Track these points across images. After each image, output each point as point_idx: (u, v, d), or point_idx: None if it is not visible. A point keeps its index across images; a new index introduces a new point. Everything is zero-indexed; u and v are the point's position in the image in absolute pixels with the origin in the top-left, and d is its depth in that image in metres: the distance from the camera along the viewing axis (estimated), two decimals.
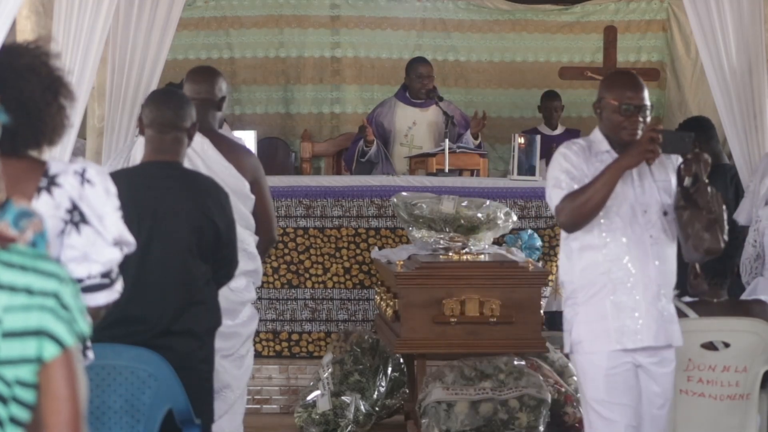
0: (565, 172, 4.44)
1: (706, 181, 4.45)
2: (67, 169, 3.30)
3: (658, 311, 4.48)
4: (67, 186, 3.28)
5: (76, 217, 3.30)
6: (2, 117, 2.40)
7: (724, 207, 4.49)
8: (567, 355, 4.65)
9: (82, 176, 3.30)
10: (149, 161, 4.75)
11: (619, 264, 4.44)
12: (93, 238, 3.31)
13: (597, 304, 4.46)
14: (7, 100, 3.10)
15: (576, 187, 4.39)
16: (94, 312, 3.38)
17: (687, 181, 4.45)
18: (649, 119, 4.50)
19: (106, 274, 3.36)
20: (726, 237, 4.46)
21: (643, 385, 4.52)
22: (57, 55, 3.20)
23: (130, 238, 3.42)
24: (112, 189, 3.38)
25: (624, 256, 4.44)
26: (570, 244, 4.51)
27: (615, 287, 4.44)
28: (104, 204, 3.33)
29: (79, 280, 3.32)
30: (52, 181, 3.27)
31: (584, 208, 4.36)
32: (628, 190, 4.46)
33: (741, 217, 6.46)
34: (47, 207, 3.26)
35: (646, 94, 4.49)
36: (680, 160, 4.52)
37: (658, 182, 4.51)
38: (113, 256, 3.36)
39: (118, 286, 3.42)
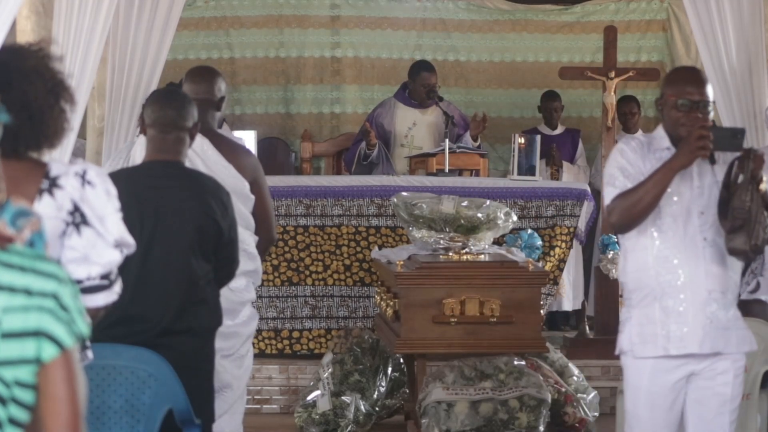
0: (620, 170, 4.28)
1: (760, 179, 4.23)
2: (68, 171, 3.30)
3: (707, 318, 4.24)
4: (68, 187, 3.28)
5: (77, 218, 3.30)
6: (3, 117, 2.39)
7: (766, 212, 4.27)
8: (618, 357, 4.46)
9: (83, 178, 3.31)
10: (151, 161, 4.75)
11: (667, 266, 4.25)
12: (93, 239, 3.31)
13: (647, 307, 4.28)
14: (10, 101, 3.11)
15: (629, 182, 4.24)
16: (93, 313, 3.38)
17: (740, 179, 4.22)
18: (711, 115, 4.34)
19: (105, 276, 3.37)
20: (758, 241, 4.23)
21: (695, 395, 4.31)
22: (59, 57, 3.20)
23: (130, 240, 3.42)
24: (113, 190, 3.38)
25: (673, 258, 4.25)
26: (624, 244, 4.36)
27: (663, 291, 4.25)
28: (105, 205, 3.34)
29: (79, 281, 3.32)
30: (53, 183, 3.27)
31: (634, 209, 4.21)
32: (684, 189, 4.28)
33: None
34: (49, 209, 3.26)
35: (708, 89, 4.32)
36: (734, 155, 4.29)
37: (721, 182, 4.29)
38: (113, 258, 3.37)
39: (117, 288, 3.43)
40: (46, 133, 3.21)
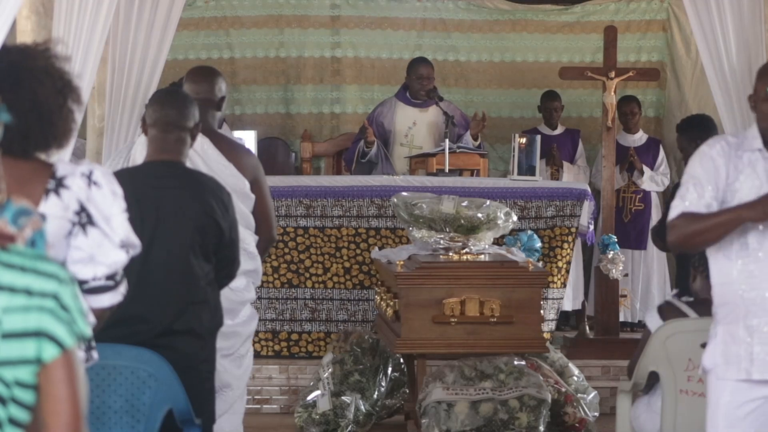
0: (693, 181, 3.96)
1: None
2: (74, 171, 3.31)
3: None
4: (74, 188, 3.29)
5: (84, 218, 3.30)
6: (4, 116, 2.39)
7: None
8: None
9: (89, 178, 3.31)
10: (152, 161, 4.75)
11: (752, 283, 3.92)
12: (99, 239, 3.32)
13: (731, 324, 3.97)
14: (19, 101, 3.12)
15: (700, 200, 3.92)
16: (98, 314, 3.38)
17: None
18: None
19: (110, 276, 3.37)
20: None
21: None
22: (67, 58, 3.21)
23: (135, 240, 3.42)
24: (119, 191, 3.38)
25: (758, 274, 3.91)
26: (710, 255, 4.04)
27: (747, 309, 3.93)
28: (111, 206, 3.34)
29: (84, 282, 3.32)
30: (59, 183, 3.28)
31: (694, 240, 3.95)
32: None
33: None
34: (56, 209, 3.26)
35: None
36: None
37: None
38: (119, 258, 3.37)
39: (122, 288, 3.43)
40: (54, 133, 3.22)
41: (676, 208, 3.98)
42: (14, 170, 3.16)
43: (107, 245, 3.33)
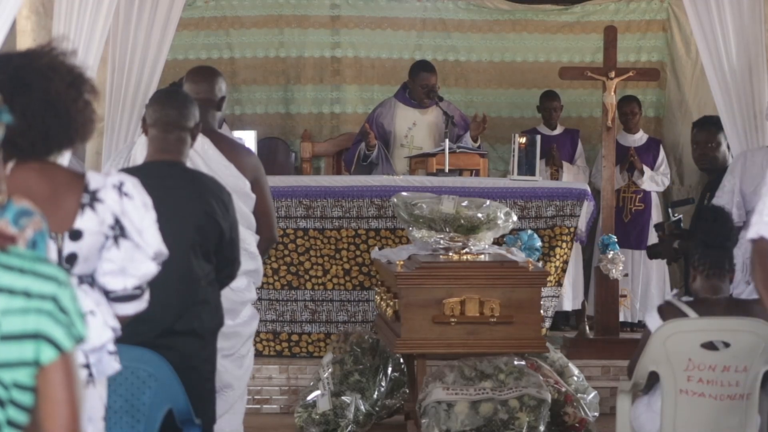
0: None
1: None
2: (106, 183, 3.30)
3: None
4: (109, 201, 3.28)
5: (117, 231, 3.30)
6: (5, 117, 2.39)
7: None
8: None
9: (120, 189, 3.30)
10: (152, 161, 4.75)
11: None
12: (131, 252, 3.31)
13: None
14: (33, 103, 3.11)
15: None
16: (121, 320, 3.39)
17: None
18: None
19: (138, 287, 3.38)
20: None
21: None
22: (74, 52, 3.20)
23: (165, 250, 3.43)
24: (149, 201, 3.38)
25: None
26: None
27: None
28: (143, 217, 3.34)
29: (110, 292, 3.33)
30: (94, 197, 3.27)
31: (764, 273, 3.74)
32: None
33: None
34: (91, 223, 3.25)
35: None
36: None
37: None
38: (150, 270, 3.37)
39: (147, 296, 3.44)
40: (74, 126, 3.20)
41: (757, 229, 3.77)
42: (47, 181, 3.16)
43: (139, 258, 3.33)
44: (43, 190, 3.21)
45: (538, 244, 7.48)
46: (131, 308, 3.38)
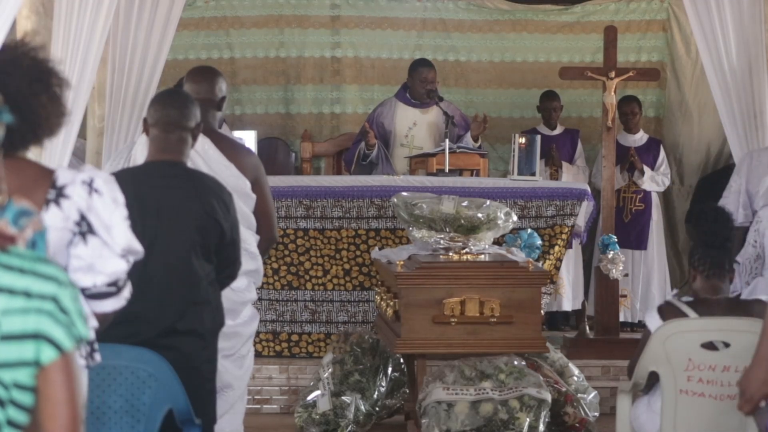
0: None
1: None
2: (75, 179, 3.27)
3: None
4: (75, 197, 3.25)
5: (84, 227, 3.27)
6: (6, 117, 2.38)
7: None
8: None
9: (90, 186, 3.28)
10: (153, 161, 4.74)
11: None
12: (99, 249, 3.29)
13: None
14: None
15: None
16: (101, 318, 3.37)
17: None
18: None
19: (112, 284, 3.35)
20: None
21: None
22: (43, 47, 3.15)
23: (138, 247, 3.39)
24: (120, 198, 3.35)
25: None
26: None
27: None
28: (112, 214, 3.31)
29: (84, 289, 3.31)
30: (60, 193, 3.24)
31: None
32: None
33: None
34: (56, 219, 3.23)
35: None
36: None
37: None
38: (119, 267, 3.34)
39: (126, 293, 3.41)
40: (40, 123, 3.16)
41: None
42: (12, 176, 3.13)
43: (107, 254, 3.30)
44: (11, 186, 3.18)
45: (538, 242, 7.49)
46: (108, 306, 3.36)
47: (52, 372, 2.21)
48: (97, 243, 3.28)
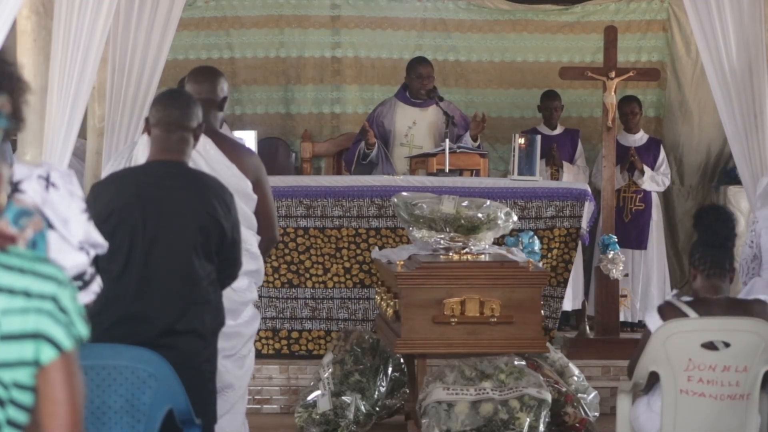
0: None
1: None
2: (31, 174, 3.25)
3: None
4: (30, 192, 3.24)
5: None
6: (3, 122, 2.38)
7: None
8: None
9: (47, 180, 3.26)
10: (155, 160, 4.74)
11: None
12: (58, 243, 3.27)
13: None
14: None
15: None
16: None
17: None
18: None
19: (77, 277, 3.33)
20: None
21: None
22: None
23: (98, 239, 3.36)
24: (77, 191, 3.33)
25: None
26: None
27: None
28: (68, 207, 3.29)
29: None
30: (15, 188, 3.23)
31: None
32: None
33: None
34: None
35: None
36: None
37: None
38: (79, 261, 3.31)
39: (95, 287, 3.39)
40: None
41: None
42: None
43: (66, 248, 3.28)
44: None
45: (537, 247, 7.49)
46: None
47: (51, 372, 2.21)
48: (55, 237, 3.27)
